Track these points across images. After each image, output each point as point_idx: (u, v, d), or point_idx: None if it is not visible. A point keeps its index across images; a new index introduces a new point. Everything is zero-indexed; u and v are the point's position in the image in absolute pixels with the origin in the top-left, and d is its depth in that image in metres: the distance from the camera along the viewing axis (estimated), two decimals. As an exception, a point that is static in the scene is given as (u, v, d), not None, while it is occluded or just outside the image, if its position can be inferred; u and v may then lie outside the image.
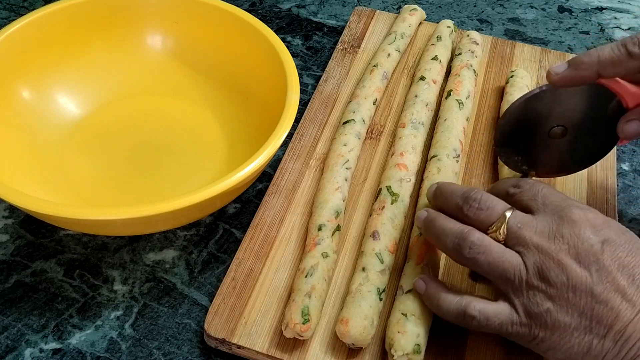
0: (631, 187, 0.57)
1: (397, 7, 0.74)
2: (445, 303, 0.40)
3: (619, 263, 0.36)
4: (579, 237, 0.37)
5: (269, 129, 0.46)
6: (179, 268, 0.48)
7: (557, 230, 0.38)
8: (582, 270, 0.36)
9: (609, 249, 0.37)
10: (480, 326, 0.39)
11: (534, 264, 0.38)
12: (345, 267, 0.47)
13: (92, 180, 0.52)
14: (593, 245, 0.37)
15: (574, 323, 0.36)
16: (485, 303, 0.39)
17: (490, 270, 0.39)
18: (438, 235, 0.42)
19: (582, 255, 0.37)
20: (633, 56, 0.40)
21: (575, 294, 0.36)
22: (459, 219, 0.42)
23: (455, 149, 0.52)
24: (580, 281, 0.36)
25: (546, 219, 0.39)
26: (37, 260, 0.48)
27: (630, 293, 0.36)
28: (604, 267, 0.36)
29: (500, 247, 0.39)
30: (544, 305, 0.37)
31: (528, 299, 0.37)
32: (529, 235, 0.38)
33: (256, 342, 0.43)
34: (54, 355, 0.43)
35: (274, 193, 0.52)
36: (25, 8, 0.70)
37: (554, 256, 0.37)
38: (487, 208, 0.40)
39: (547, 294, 0.37)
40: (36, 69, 0.54)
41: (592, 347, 0.36)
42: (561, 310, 0.36)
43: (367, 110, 0.56)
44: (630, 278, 0.36)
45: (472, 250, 0.39)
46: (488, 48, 0.65)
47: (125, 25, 0.57)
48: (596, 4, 0.77)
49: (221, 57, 0.57)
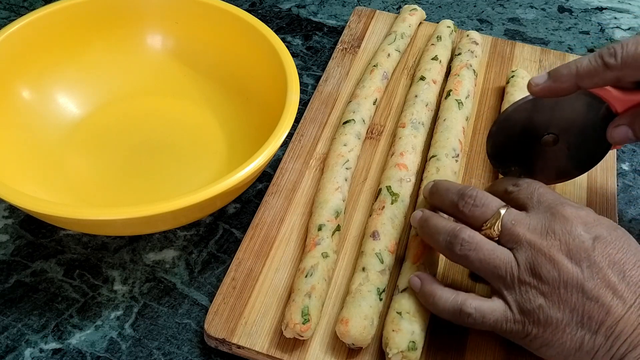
0: (631, 187, 0.57)
1: (397, 7, 0.74)
2: (441, 301, 0.40)
3: (609, 260, 0.37)
4: (571, 233, 0.38)
5: (269, 129, 0.46)
6: (179, 268, 0.48)
7: (549, 226, 0.38)
8: (573, 266, 0.37)
9: (600, 245, 0.37)
10: (476, 323, 0.39)
11: (525, 260, 0.38)
12: (345, 267, 0.47)
13: (92, 180, 0.52)
14: (584, 242, 0.37)
15: (566, 319, 0.37)
16: (481, 300, 0.39)
17: (481, 267, 0.39)
18: (431, 234, 0.42)
19: (574, 251, 0.37)
20: (609, 67, 0.40)
21: (567, 290, 0.37)
22: (455, 215, 0.43)
23: (455, 149, 0.52)
24: (571, 277, 0.37)
25: (539, 216, 0.39)
26: (37, 260, 0.48)
27: (621, 289, 0.36)
28: (595, 264, 0.37)
29: (492, 244, 0.39)
30: (536, 302, 0.37)
31: (521, 296, 0.38)
32: (522, 231, 0.39)
33: (256, 342, 0.43)
34: (54, 355, 0.43)
35: (274, 193, 0.52)
36: (25, 8, 0.70)
37: (546, 252, 0.37)
38: (482, 205, 0.41)
39: (539, 290, 0.37)
40: (36, 69, 0.54)
41: (584, 343, 0.36)
42: (553, 307, 0.37)
43: (367, 110, 0.56)
44: (621, 274, 0.36)
45: (464, 247, 0.40)
46: (488, 48, 0.65)
47: (125, 25, 0.57)
48: (596, 4, 0.77)
49: (221, 57, 0.57)
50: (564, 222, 0.38)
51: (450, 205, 0.43)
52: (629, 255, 0.37)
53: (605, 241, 0.37)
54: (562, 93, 0.42)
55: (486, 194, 0.41)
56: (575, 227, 0.38)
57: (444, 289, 0.41)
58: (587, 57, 0.41)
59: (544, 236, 0.38)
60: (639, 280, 0.36)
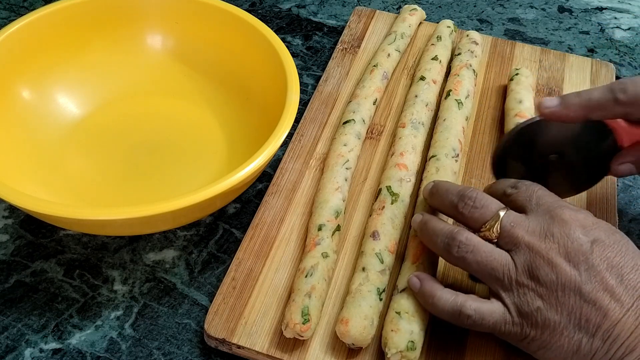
0: (631, 187, 0.57)
1: (397, 7, 0.74)
2: (440, 302, 0.40)
3: (607, 263, 0.37)
4: (569, 236, 0.38)
5: (269, 129, 0.46)
6: (179, 268, 0.48)
7: (547, 229, 0.38)
8: (571, 269, 0.37)
9: (598, 249, 0.37)
10: (475, 325, 0.39)
11: (524, 262, 0.38)
12: (345, 267, 0.47)
13: (92, 180, 0.52)
14: (582, 245, 0.37)
15: (564, 322, 0.37)
16: (481, 302, 0.39)
17: (479, 269, 0.39)
18: (430, 236, 0.42)
19: (572, 254, 0.37)
20: (619, 103, 0.41)
21: (565, 292, 0.37)
22: (454, 217, 0.43)
23: (454, 149, 0.52)
24: (569, 280, 0.37)
25: (538, 218, 0.39)
26: (37, 260, 0.48)
27: (619, 292, 0.36)
28: (593, 267, 0.37)
29: (489, 246, 0.39)
30: (534, 304, 0.37)
31: (519, 298, 0.38)
32: (520, 234, 0.39)
33: (256, 342, 0.43)
34: (54, 355, 0.43)
35: (274, 193, 0.52)
36: (25, 8, 0.70)
37: (544, 255, 0.38)
38: (481, 206, 0.41)
39: (537, 293, 0.37)
40: (36, 69, 0.54)
41: (582, 346, 0.36)
42: (551, 309, 0.37)
43: (367, 110, 0.56)
44: (619, 278, 0.36)
45: (461, 249, 0.40)
46: (488, 48, 0.65)
47: (125, 25, 0.57)
48: (596, 4, 0.77)
49: (221, 57, 0.57)
50: (562, 225, 0.38)
51: (450, 207, 0.43)
52: (627, 259, 0.37)
53: (604, 244, 0.37)
54: (571, 121, 0.43)
55: (486, 196, 0.41)
56: (573, 230, 0.38)
57: (444, 289, 0.41)
58: (598, 89, 0.42)
59: (542, 239, 0.38)
60: (636, 284, 0.36)
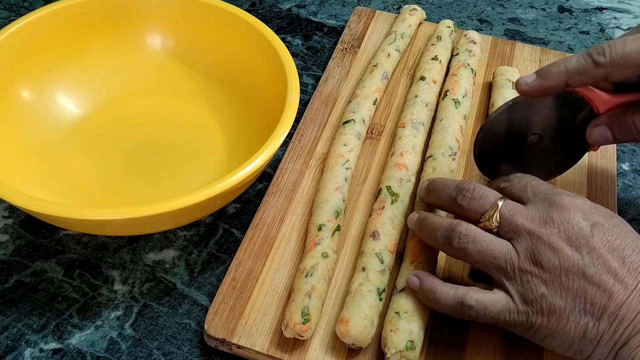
0: (631, 187, 0.57)
1: (397, 7, 0.74)
2: (442, 296, 0.40)
3: (609, 246, 0.37)
4: (569, 221, 0.38)
5: (269, 129, 0.46)
6: (179, 268, 0.48)
7: (547, 215, 0.39)
8: (573, 252, 0.37)
9: (599, 232, 0.38)
10: (478, 316, 0.39)
11: (526, 249, 0.38)
12: (345, 267, 0.47)
13: (92, 180, 0.52)
14: (583, 229, 0.38)
15: (569, 306, 0.37)
16: (482, 293, 0.39)
17: (481, 259, 0.39)
18: (429, 232, 0.42)
19: (573, 238, 0.37)
20: (599, 65, 0.41)
21: (568, 276, 0.37)
22: (453, 211, 0.43)
23: (452, 147, 0.52)
24: (572, 264, 0.37)
25: (537, 206, 0.40)
26: (37, 260, 0.48)
27: (622, 274, 0.36)
28: (594, 250, 0.37)
29: (490, 235, 0.40)
30: (538, 291, 0.37)
31: (522, 285, 0.38)
32: (520, 221, 0.39)
33: (256, 342, 0.43)
34: (54, 355, 0.43)
35: (274, 193, 0.52)
36: (25, 8, 0.70)
37: (546, 240, 0.38)
38: (480, 197, 0.41)
39: (541, 279, 0.37)
40: (36, 69, 0.54)
41: (588, 330, 0.37)
42: (555, 294, 0.37)
43: (367, 110, 0.56)
44: (621, 260, 0.37)
45: (462, 240, 0.40)
46: (488, 48, 0.65)
47: (125, 25, 0.57)
48: (596, 4, 0.77)
49: (221, 57, 0.57)
50: (562, 211, 0.39)
51: (448, 201, 0.43)
52: (627, 242, 0.37)
53: (604, 228, 0.38)
54: (551, 91, 0.42)
55: (483, 187, 0.42)
56: (573, 215, 0.38)
57: (444, 284, 0.41)
58: (575, 56, 0.42)
59: (542, 225, 0.38)
60: (638, 266, 0.37)
